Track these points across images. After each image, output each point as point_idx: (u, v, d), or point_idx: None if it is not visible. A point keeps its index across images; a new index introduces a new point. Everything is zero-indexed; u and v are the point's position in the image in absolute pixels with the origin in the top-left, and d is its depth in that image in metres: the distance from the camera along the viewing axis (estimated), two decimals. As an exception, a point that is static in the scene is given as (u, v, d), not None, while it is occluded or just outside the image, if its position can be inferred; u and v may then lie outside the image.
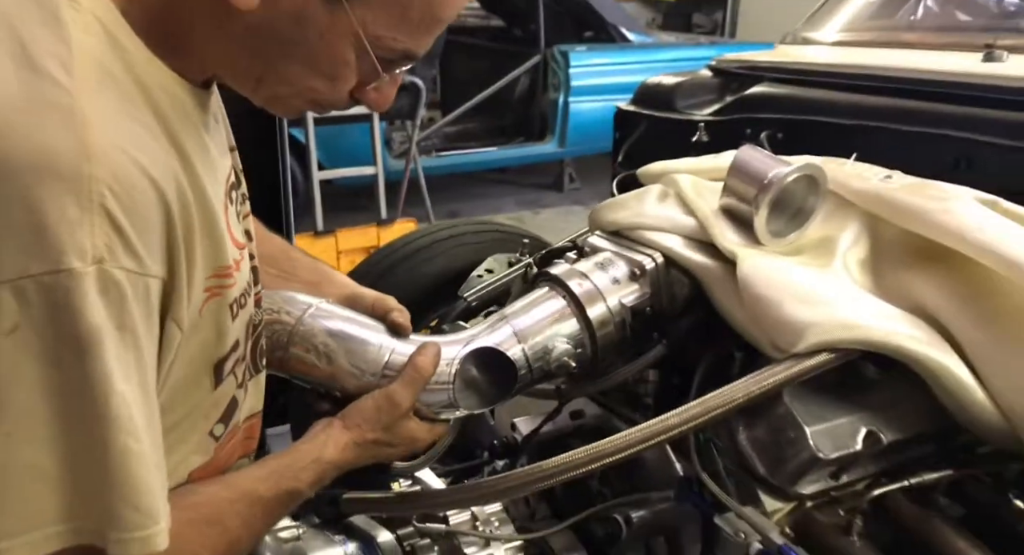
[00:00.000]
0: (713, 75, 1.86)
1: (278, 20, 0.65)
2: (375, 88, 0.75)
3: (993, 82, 1.35)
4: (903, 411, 1.02)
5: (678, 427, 0.91)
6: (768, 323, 0.97)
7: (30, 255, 0.54)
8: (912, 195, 1.04)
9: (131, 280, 0.58)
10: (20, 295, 0.54)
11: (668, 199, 1.19)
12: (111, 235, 0.57)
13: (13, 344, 0.55)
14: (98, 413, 0.58)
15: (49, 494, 0.58)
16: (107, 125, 0.58)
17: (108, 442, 0.59)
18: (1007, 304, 0.94)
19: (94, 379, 0.57)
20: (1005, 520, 1.02)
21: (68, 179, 0.55)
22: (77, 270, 0.55)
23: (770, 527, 0.94)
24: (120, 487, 0.60)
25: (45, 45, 0.58)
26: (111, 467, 0.59)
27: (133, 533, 0.61)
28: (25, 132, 0.55)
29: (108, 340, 0.57)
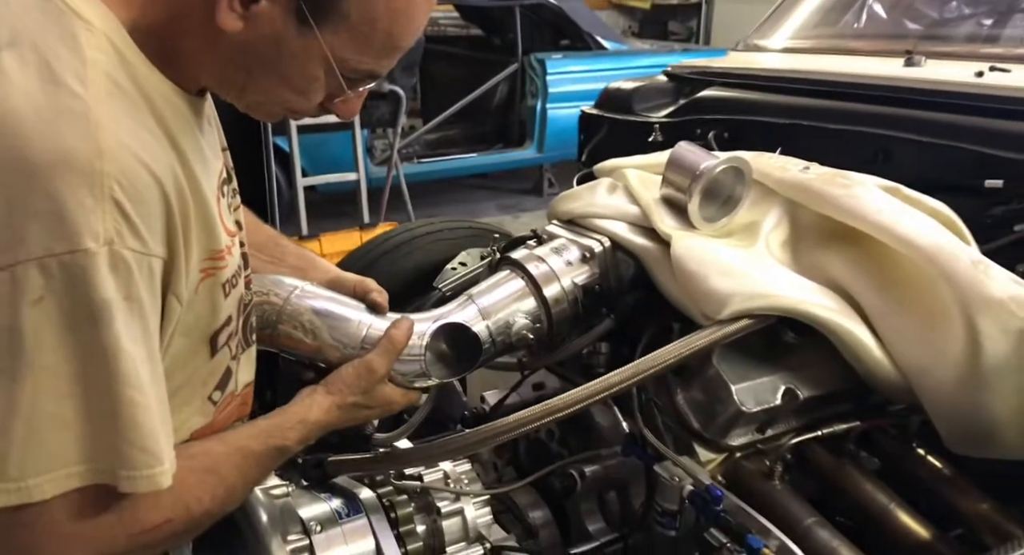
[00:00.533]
0: (668, 80, 2.01)
1: (258, 41, 0.76)
2: (343, 101, 0.87)
3: (909, 84, 1.51)
4: (819, 372, 1.17)
5: (618, 385, 1.05)
6: (697, 295, 1.11)
7: (53, 237, 0.65)
8: (825, 183, 1.19)
9: (136, 259, 0.69)
10: (45, 271, 0.65)
11: (617, 191, 1.33)
12: (119, 221, 0.67)
13: (38, 313, 0.65)
14: (109, 370, 0.68)
15: (70, 439, 0.68)
16: (116, 129, 0.69)
17: (118, 394, 0.68)
18: (900, 274, 1.09)
19: (105, 342, 0.68)
20: (909, 466, 1.17)
21: (84, 174, 0.66)
22: (92, 250, 0.66)
23: (700, 471, 1.08)
24: (127, 432, 0.69)
25: (65, 61, 0.70)
26: (120, 415, 0.69)
27: (141, 471, 0.71)
28: (49, 135, 0.66)
29: (117, 309, 0.68)
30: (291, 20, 0.75)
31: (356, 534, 1.11)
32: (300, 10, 0.75)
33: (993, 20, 1.89)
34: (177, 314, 0.78)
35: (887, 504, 1.09)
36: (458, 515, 1.20)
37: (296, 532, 1.08)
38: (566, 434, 1.32)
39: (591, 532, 1.24)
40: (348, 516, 1.12)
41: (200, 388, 0.90)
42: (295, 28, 0.76)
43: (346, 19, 0.76)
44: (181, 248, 0.76)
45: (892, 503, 1.09)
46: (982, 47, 1.76)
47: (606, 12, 8.46)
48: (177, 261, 0.75)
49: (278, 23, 0.75)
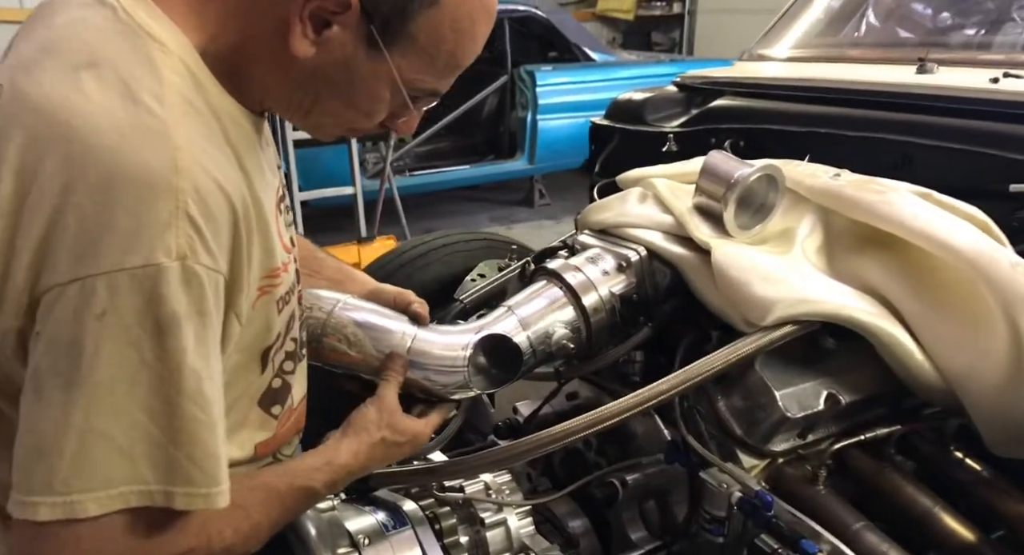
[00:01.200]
0: (679, 90, 2.03)
1: (329, 65, 0.78)
2: (402, 120, 0.88)
3: (927, 92, 1.53)
4: (858, 376, 1.18)
5: (667, 392, 1.05)
6: (740, 302, 1.11)
7: (126, 251, 0.65)
8: (858, 190, 1.20)
9: (208, 275, 0.69)
10: (112, 285, 0.65)
11: (647, 200, 1.34)
12: (193, 237, 0.68)
13: (100, 327, 0.65)
14: (174, 385, 0.68)
15: (118, 460, 0.67)
16: (191, 147, 0.70)
17: (181, 410, 0.68)
18: (938, 279, 1.10)
19: (172, 357, 0.67)
20: (947, 469, 1.18)
21: (161, 190, 0.67)
22: (164, 264, 0.66)
23: (748, 477, 1.08)
24: (188, 449, 0.69)
25: (142, 82, 0.70)
26: (183, 431, 0.69)
27: (199, 489, 0.70)
28: (129, 151, 0.67)
29: (187, 324, 0.68)
30: (361, 45, 0.77)
31: (403, 546, 1.10)
32: (371, 35, 0.76)
33: (999, 27, 1.93)
34: (236, 332, 0.78)
35: (931, 507, 1.10)
36: (501, 526, 1.19)
37: (345, 545, 1.07)
38: (604, 443, 1.32)
39: (634, 541, 1.24)
40: (394, 528, 1.12)
41: (255, 403, 0.89)
42: (365, 52, 0.77)
43: (414, 42, 0.78)
44: (244, 266, 0.76)
45: (936, 506, 1.10)
46: (991, 54, 1.80)
47: (590, 23, 8.53)
48: (239, 280, 0.76)
49: (349, 48, 0.77)
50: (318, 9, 0.74)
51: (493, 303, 1.71)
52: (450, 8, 0.77)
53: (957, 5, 2.14)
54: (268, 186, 0.85)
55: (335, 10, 0.74)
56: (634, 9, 9.01)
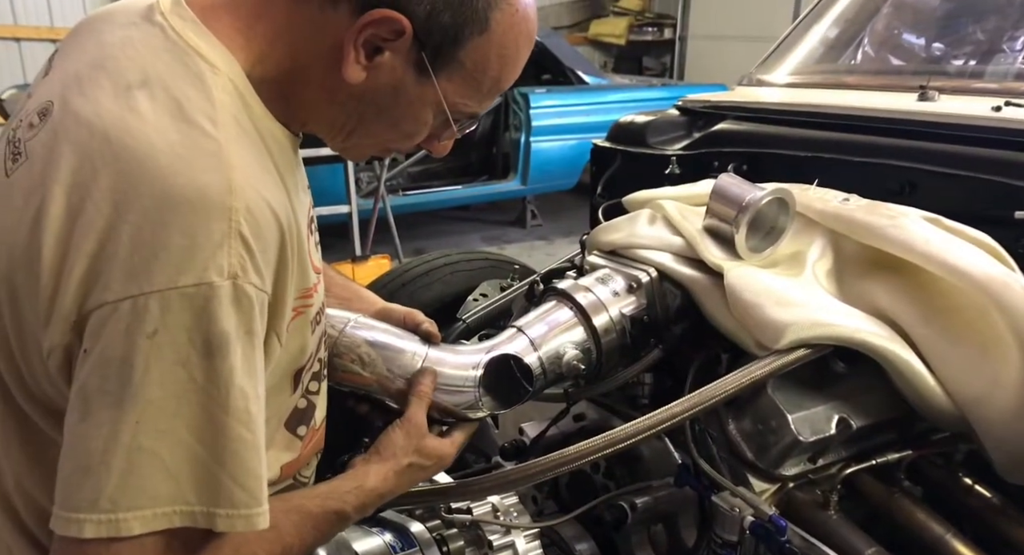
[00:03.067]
0: (680, 114, 2.04)
1: (377, 89, 0.78)
2: (438, 141, 0.89)
3: (930, 119, 1.55)
4: (868, 401, 1.18)
5: (680, 415, 1.05)
6: (752, 324, 1.11)
7: (180, 270, 0.65)
8: (867, 214, 1.21)
9: (257, 295, 0.69)
10: (164, 304, 0.64)
11: (657, 222, 1.34)
12: (244, 256, 0.68)
13: (150, 346, 0.65)
14: (221, 404, 0.67)
15: (164, 480, 0.67)
16: (244, 167, 0.70)
17: (227, 430, 0.68)
18: (948, 303, 1.11)
19: (221, 377, 0.67)
20: (956, 495, 1.18)
21: (216, 210, 0.67)
22: (216, 283, 0.66)
23: (760, 501, 1.08)
24: (232, 470, 0.69)
25: (195, 103, 0.71)
26: (227, 451, 0.68)
27: (240, 510, 0.70)
28: (184, 171, 0.67)
29: (236, 343, 0.68)
30: (411, 70, 0.78)
31: (411, 568, 1.09)
32: (421, 61, 0.77)
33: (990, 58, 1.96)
34: (276, 353, 0.78)
35: (943, 534, 1.10)
36: (509, 548, 1.18)
37: (353, 569, 1.05)
38: (612, 466, 1.31)
39: (642, 565, 1.23)
40: (402, 549, 1.11)
41: (282, 424, 0.89)
42: (414, 77, 0.78)
43: (462, 67, 0.79)
44: (286, 287, 0.76)
45: (948, 533, 1.10)
46: (987, 83, 1.82)
47: (583, 47, 8.61)
48: (281, 300, 0.76)
49: (399, 72, 0.78)
50: (372, 36, 0.74)
51: (497, 323, 1.71)
52: (498, 35, 0.78)
53: (950, 36, 2.18)
54: (302, 206, 0.86)
55: (388, 37, 0.75)
56: (626, 34, 9.11)
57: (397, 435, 0.98)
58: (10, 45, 6.13)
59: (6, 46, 6.12)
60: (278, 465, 0.88)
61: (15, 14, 6.11)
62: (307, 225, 0.86)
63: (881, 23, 2.31)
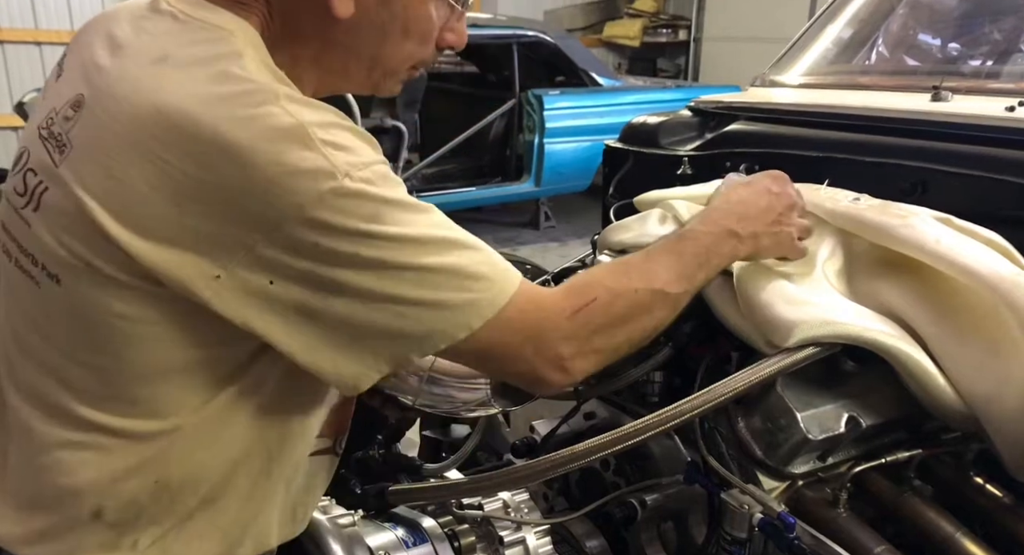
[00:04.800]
0: (692, 115, 2.04)
1: (369, 11, 0.80)
2: (451, 31, 0.89)
3: (943, 119, 1.55)
4: (878, 400, 1.18)
5: (689, 412, 1.05)
6: (762, 322, 1.12)
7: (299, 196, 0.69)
8: (878, 214, 1.21)
9: (373, 173, 0.74)
10: (311, 221, 0.70)
11: (667, 221, 1.35)
12: (340, 154, 0.72)
13: (332, 246, 0.71)
14: (405, 256, 0.75)
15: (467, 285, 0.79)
16: (289, 94, 0.73)
17: (425, 266, 0.76)
18: (959, 302, 1.11)
19: (390, 242, 0.74)
20: (967, 494, 1.18)
21: (286, 134, 0.70)
22: (338, 186, 0.70)
23: (769, 499, 1.08)
24: (455, 279, 0.78)
25: (222, 59, 0.74)
26: (441, 278, 0.77)
27: (478, 294, 0.80)
28: (237, 116, 0.70)
29: (385, 216, 0.74)
30: None
31: (423, 563, 1.10)
32: None
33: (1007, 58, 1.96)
34: None
35: (953, 533, 1.10)
36: (520, 544, 1.19)
37: (365, 562, 1.07)
38: (622, 463, 1.31)
39: (652, 562, 1.24)
40: (414, 544, 1.12)
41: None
42: None
43: None
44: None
45: (958, 532, 1.10)
46: (1003, 83, 1.82)
47: (597, 50, 8.62)
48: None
49: None
50: None
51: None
52: None
53: (966, 36, 2.17)
54: None
55: None
56: (640, 36, 9.11)
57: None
58: (31, 49, 6.21)
59: (27, 50, 6.21)
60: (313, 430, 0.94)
61: (36, 18, 6.20)
62: None
63: (896, 23, 2.31)
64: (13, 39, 6.13)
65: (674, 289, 0.95)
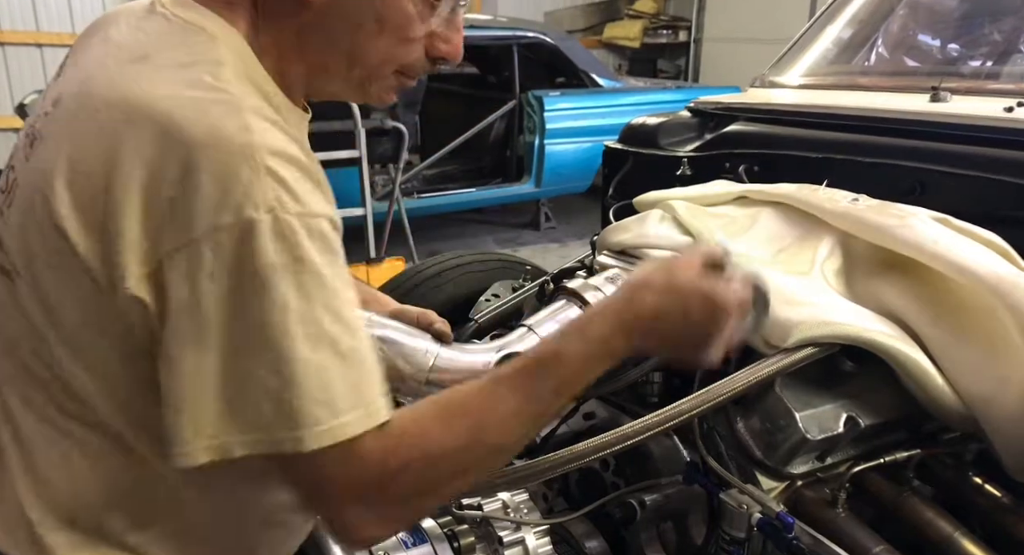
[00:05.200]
0: (692, 115, 2.05)
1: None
2: (444, 40, 0.85)
3: (941, 119, 1.55)
4: (876, 400, 1.18)
5: (688, 412, 1.06)
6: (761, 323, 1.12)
7: (218, 212, 0.67)
8: (877, 214, 1.22)
9: (300, 220, 0.69)
10: (215, 246, 0.67)
11: (666, 221, 1.35)
12: (278, 188, 0.69)
13: (214, 287, 0.67)
14: (275, 331, 0.68)
15: (270, 403, 0.68)
16: (258, 109, 0.72)
17: (286, 354, 0.68)
18: (957, 303, 1.11)
19: (274, 306, 0.68)
20: (966, 494, 1.18)
21: (237, 149, 0.68)
22: (255, 218, 0.67)
23: (768, 499, 1.08)
24: (306, 390, 0.68)
25: (200, 64, 0.73)
26: (296, 375, 0.68)
27: (313, 428, 0.69)
28: (198, 119, 0.69)
29: (285, 273, 0.68)
30: None
31: (422, 563, 1.10)
32: None
33: (1007, 58, 1.96)
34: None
35: (951, 532, 1.10)
36: (519, 545, 1.19)
37: (365, 562, 1.07)
38: (622, 464, 1.32)
39: (651, 562, 1.24)
40: (413, 545, 1.12)
41: None
42: None
43: None
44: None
45: (956, 532, 1.10)
46: (1002, 84, 1.82)
47: (597, 51, 8.62)
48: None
49: None
50: None
51: (508, 323, 1.72)
52: None
53: (965, 36, 2.18)
54: None
55: None
56: (640, 37, 9.11)
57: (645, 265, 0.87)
58: (32, 51, 6.22)
59: (28, 52, 6.22)
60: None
61: (37, 21, 6.21)
62: None
63: (896, 24, 2.31)
64: (14, 41, 6.14)
65: (512, 438, 0.80)
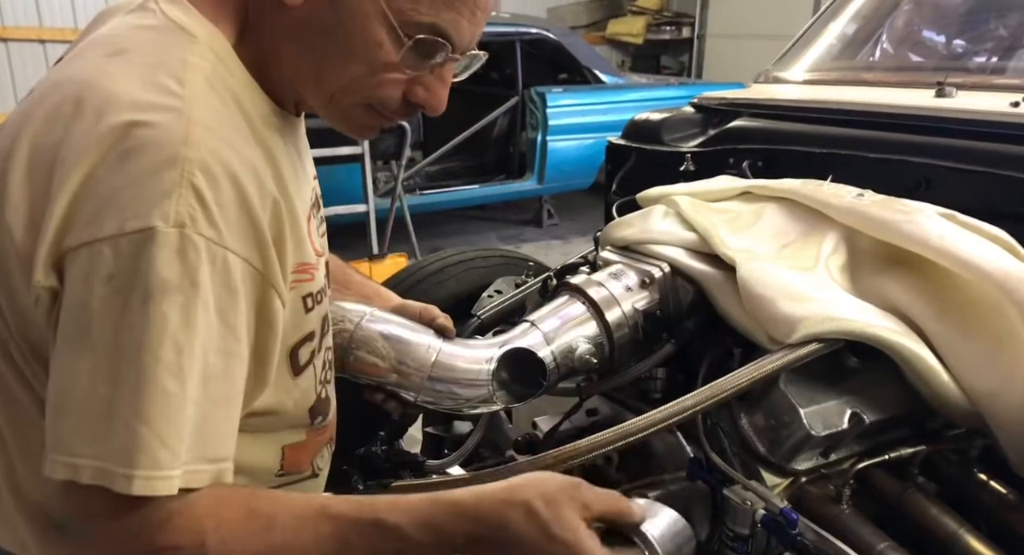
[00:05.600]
0: (695, 111, 2.04)
1: (319, 10, 0.76)
2: (423, 86, 0.82)
3: (947, 115, 1.54)
4: (881, 396, 1.18)
5: (692, 408, 1.05)
6: (764, 318, 1.12)
7: (127, 216, 0.66)
8: (882, 209, 1.21)
9: (208, 247, 0.68)
10: (116, 250, 0.65)
11: (669, 217, 1.34)
12: (195, 207, 0.67)
13: (106, 291, 0.65)
14: (150, 353, 0.65)
15: (85, 427, 0.65)
16: (206, 124, 0.71)
17: (147, 381, 0.65)
18: (962, 298, 1.10)
19: (152, 324, 0.65)
20: (971, 490, 1.18)
21: (167, 157, 0.67)
22: (160, 229, 0.66)
23: (772, 495, 1.08)
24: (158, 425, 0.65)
25: (168, 66, 0.73)
26: (151, 404, 0.65)
27: (142, 470, 0.65)
28: (144, 125, 0.68)
29: (174, 293, 0.66)
30: None
31: (425, 560, 1.09)
32: None
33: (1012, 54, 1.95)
34: (280, 316, 0.77)
35: (956, 529, 1.09)
36: (522, 542, 1.18)
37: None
38: (625, 460, 1.31)
39: (654, 558, 1.23)
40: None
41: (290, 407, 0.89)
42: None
43: None
44: (271, 247, 0.75)
45: (961, 528, 1.09)
46: (1008, 79, 1.81)
47: (600, 47, 8.61)
48: (269, 262, 0.75)
49: None
50: None
51: (511, 319, 1.72)
52: None
53: (970, 32, 2.16)
54: (301, 186, 0.87)
55: None
56: (644, 33, 9.09)
57: (546, 475, 0.83)
58: (35, 47, 6.22)
59: (31, 48, 6.22)
60: (279, 444, 0.89)
61: (40, 16, 6.22)
62: (310, 207, 0.88)
63: (900, 19, 2.30)
64: (17, 37, 6.14)
65: None
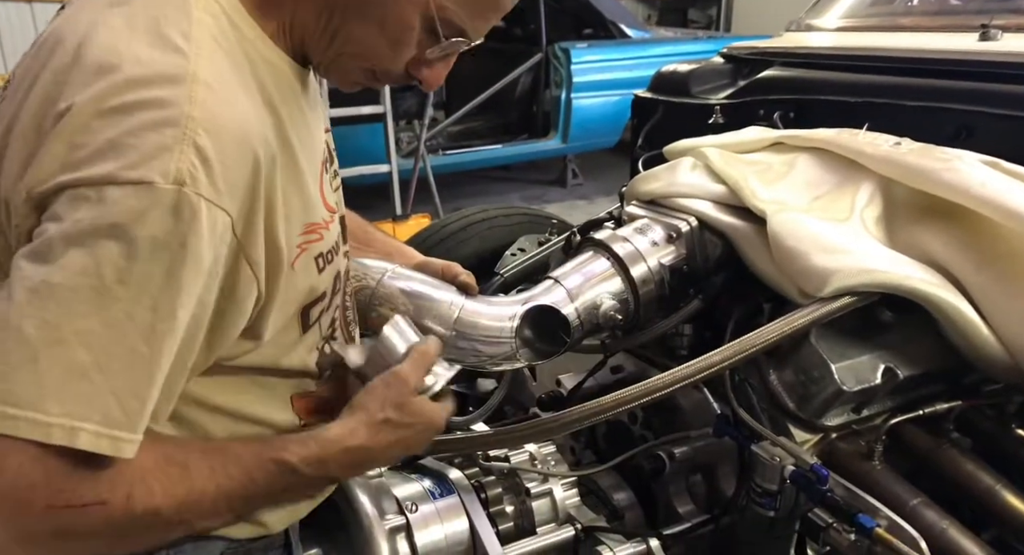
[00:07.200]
0: (724, 61, 1.97)
1: None
2: (427, 65, 0.82)
3: (990, 58, 1.47)
4: (916, 351, 1.14)
5: (719, 364, 1.03)
6: (796, 272, 1.08)
7: (123, 166, 0.63)
8: (920, 158, 1.16)
9: (207, 208, 0.66)
10: (100, 195, 0.63)
11: (698, 169, 1.30)
12: (196, 165, 0.65)
13: (78, 234, 0.62)
14: (125, 309, 0.63)
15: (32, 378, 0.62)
16: (213, 82, 0.68)
17: (123, 338, 0.63)
18: (1005, 249, 1.06)
19: (134, 280, 0.63)
20: (1007, 446, 1.14)
21: (172, 116, 0.65)
22: (157, 184, 0.63)
23: (801, 451, 1.06)
24: (116, 382, 0.64)
25: (171, 20, 0.70)
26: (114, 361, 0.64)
27: (112, 430, 0.64)
28: (147, 79, 0.66)
29: (163, 252, 0.64)
30: None
31: (450, 513, 1.10)
32: None
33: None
34: (254, 284, 0.74)
35: (992, 485, 1.07)
36: (547, 496, 1.19)
37: (392, 512, 1.07)
38: (650, 416, 1.30)
39: (681, 514, 1.22)
40: (441, 496, 1.12)
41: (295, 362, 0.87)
42: None
43: None
44: (261, 213, 0.72)
45: (998, 484, 1.06)
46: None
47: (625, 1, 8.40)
48: (254, 226, 0.72)
49: None
50: None
51: (534, 277, 1.70)
52: None
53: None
54: (311, 141, 0.84)
55: None
56: (670, -14, 8.87)
57: (376, 386, 0.87)
58: (22, 8, 6.12)
59: (18, 9, 6.10)
60: (288, 392, 0.89)
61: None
62: (321, 163, 0.85)
63: (940, -39, 2.20)
64: (5, -2, 6.04)
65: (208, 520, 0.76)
